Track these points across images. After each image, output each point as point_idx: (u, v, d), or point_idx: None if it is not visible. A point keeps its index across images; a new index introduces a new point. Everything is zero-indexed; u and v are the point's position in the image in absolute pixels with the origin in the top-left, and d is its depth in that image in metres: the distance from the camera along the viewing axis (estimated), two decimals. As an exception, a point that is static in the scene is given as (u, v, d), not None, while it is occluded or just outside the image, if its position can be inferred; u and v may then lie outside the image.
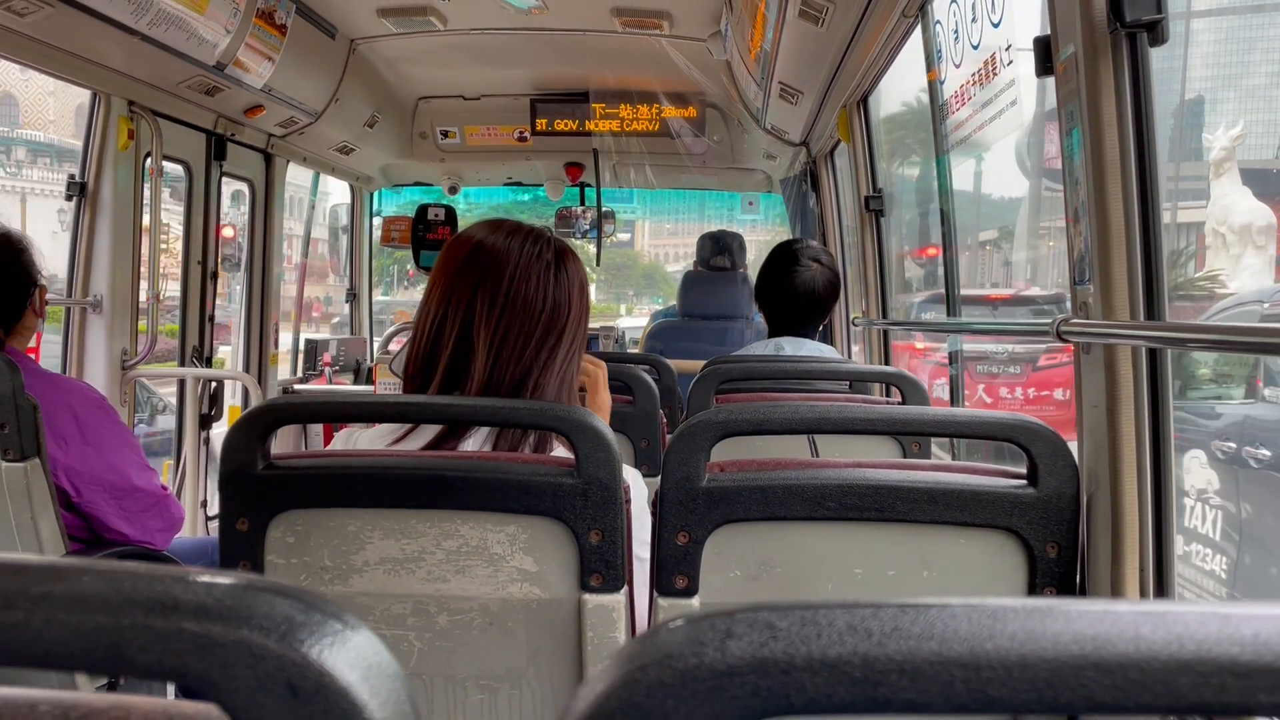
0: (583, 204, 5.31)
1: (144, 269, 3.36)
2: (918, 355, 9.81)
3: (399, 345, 4.95)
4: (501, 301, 1.40)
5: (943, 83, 2.41)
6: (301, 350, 4.93)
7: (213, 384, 3.82)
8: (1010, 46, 1.91)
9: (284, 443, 4.23)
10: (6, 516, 1.92)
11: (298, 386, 4.63)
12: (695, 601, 1.27)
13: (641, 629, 1.36)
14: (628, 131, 4.79)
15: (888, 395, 2.75)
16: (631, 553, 1.31)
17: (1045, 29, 1.40)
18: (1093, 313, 1.31)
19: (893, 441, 2.15)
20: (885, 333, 3.42)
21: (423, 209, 4.92)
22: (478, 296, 1.40)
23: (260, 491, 1.28)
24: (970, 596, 0.37)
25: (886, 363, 3.38)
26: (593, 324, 5.26)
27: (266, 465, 1.28)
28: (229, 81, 3.35)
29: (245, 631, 0.36)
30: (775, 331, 2.83)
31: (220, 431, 3.65)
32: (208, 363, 3.85)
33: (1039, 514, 1.24)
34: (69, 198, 3.20)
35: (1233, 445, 4.83)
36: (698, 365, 2.52)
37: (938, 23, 2.37)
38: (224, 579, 0.38)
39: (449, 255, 1.46)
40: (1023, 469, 1.27)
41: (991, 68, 2.00)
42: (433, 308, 1.44)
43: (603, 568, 1.26)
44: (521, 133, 4.93)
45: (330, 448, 1.55)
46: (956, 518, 1.24)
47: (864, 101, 3.25)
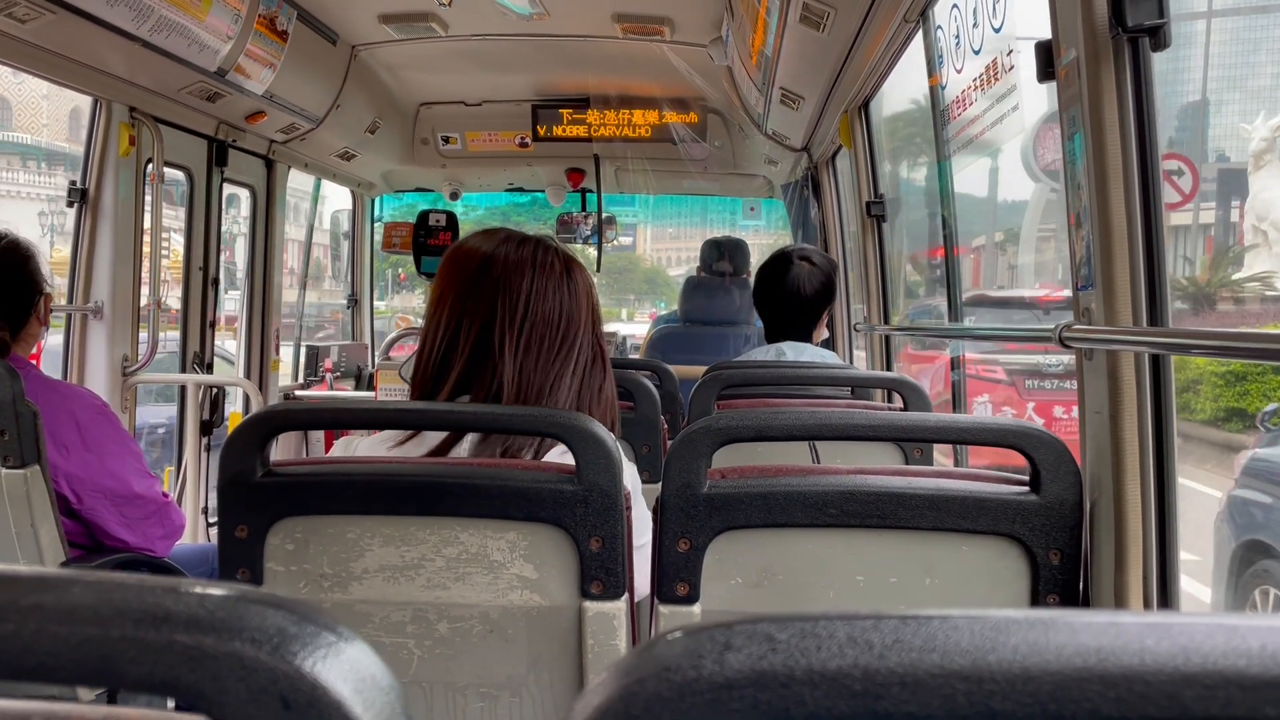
0: (584, 209, 5.32)
1: (145, 275, 3.36)
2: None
3: (401, 351, 4.96)
4: (522, 313, 1.44)
5: (944, 88, 2.41)
6: (303, 356, 4.93)
7: (214, 390, 3.82)
8: (1012, 52, 1.91)
9: (285, 449, 4.23)
10: (6, 524, 1.92)
11: (299, 392, 4.63)
12: (696, 609, 1.26)
13: (643, 635, 1.36)
14: (629, 137, 4.79)
15: (889, 401, 2.75)
16: (632, 560, 1.31)
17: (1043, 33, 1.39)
18: (1095, 318, 1.30)
19: (894, 448, 2.14)
20: (887, 338, 3.42)
21: (424, 215, 4.92)
22: (498, 308, 1.44)
23: (259, 498, 1.27)
24: (973, 604, 0.37)
25: (889, 368, 3.38)
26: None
27: (266, 472, 1.28)
28: (230, 88, 3.35)
29: (237, 643, 0.36)
30: (771, 335, 2.84)
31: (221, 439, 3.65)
32: (209, 369, 3.85)
33: (1042, 521, 1.23)
34: (70, 204, 3.20)
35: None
36: (699, 371, 2.52)
37: (939, 28, 2.36)
38: (216, 590, 0.38)
39: (456, 266, 1.48)
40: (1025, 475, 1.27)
41: (993, 72, 1.99)
42: (444, 318, 1.46)
43: (603, 575, 1.25)
44: (523, 138, 4.93)
45: (330, 455, 1.55)
46: (959, 524, 1.24)
47: (865, 107, 3.25)
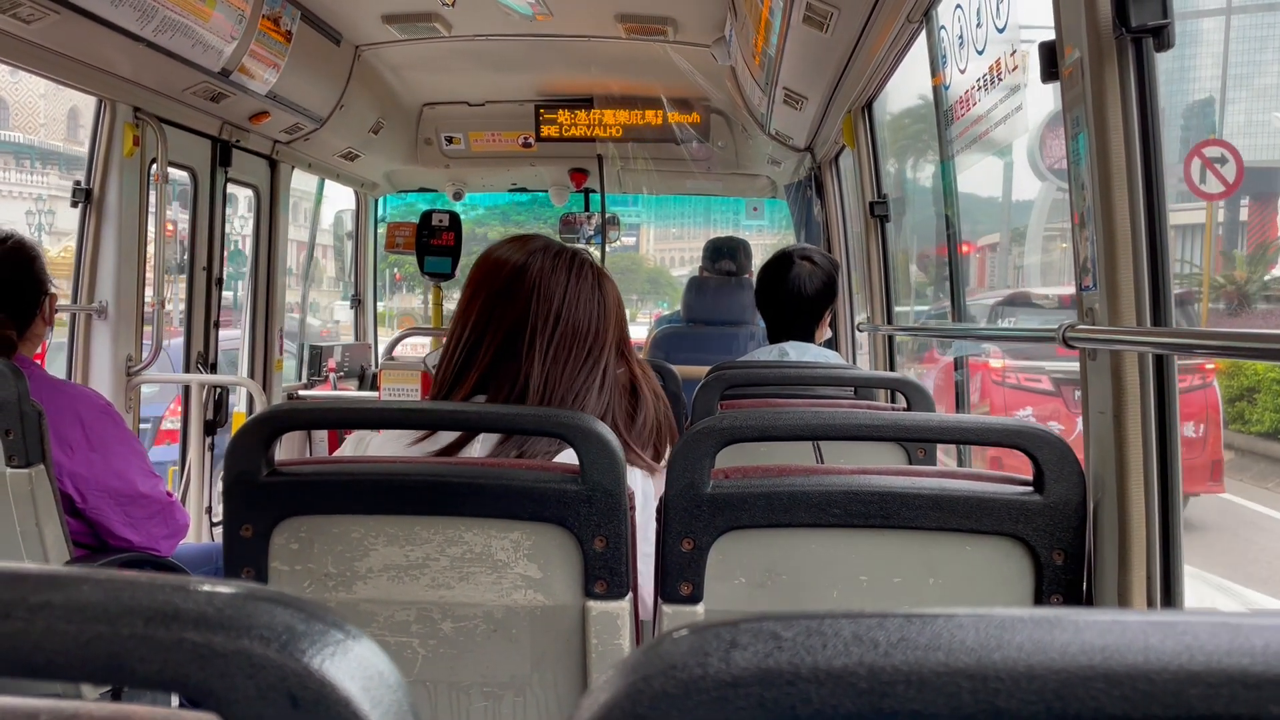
0: (587, 209, 5.32)
1: (149, 275, 3.37)
2: (995, 377, 7.61)
3: (419, 352, 4.96)
4: (555, 318, 1.50)
5: (947, 88, 2.41)
6: (306, 356, 4.93)
7: (217, 390, 3.82)
8: (1015, 51, 1.91)
9: (289, 449, 4.23)
10: (11, 523, 1.92)
11: (302, 392, 4.63)
12: (700, 608, 1.26)
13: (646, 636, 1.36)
14: (632, 138, 4.79)
15: (893, 401, 2.75)
16: (636, 560, 1.31)
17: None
18: (1099, 318, 1.30)
19: (898, 448, 2.14)
20: (890, 338, 3.42)
21: (427, 215, 4.92)
22: (531, 311, 1.49)
23: (264, 498, 1.28)
24: (976, 604, 0.37)
25: (892, 368, 3.38)
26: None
27: (270, 472, 1.28)
28: (234, 88, 3.35)
29: (246, 641, 0.36)
30: (774, 335, 2.84)
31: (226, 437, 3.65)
32: (213, 369, 3.85)
33: (1045, 521, 1.23)
34: (74, 204, 3.21)
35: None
36: (703, 371, 2.52)
37: (942, 28, 2.36)
38: (225, 588, 0.38)
39: (491, 270, 1.55)
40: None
41: (997, 72, 1.99)
42: (473, 319, 1.52)
43: (607, 575, 1.25)
44: (526, 139, 4.93)
45: (339, 453, 1.56)
46: (962, 524, 1.24)
47: (869, 107, 3.25)
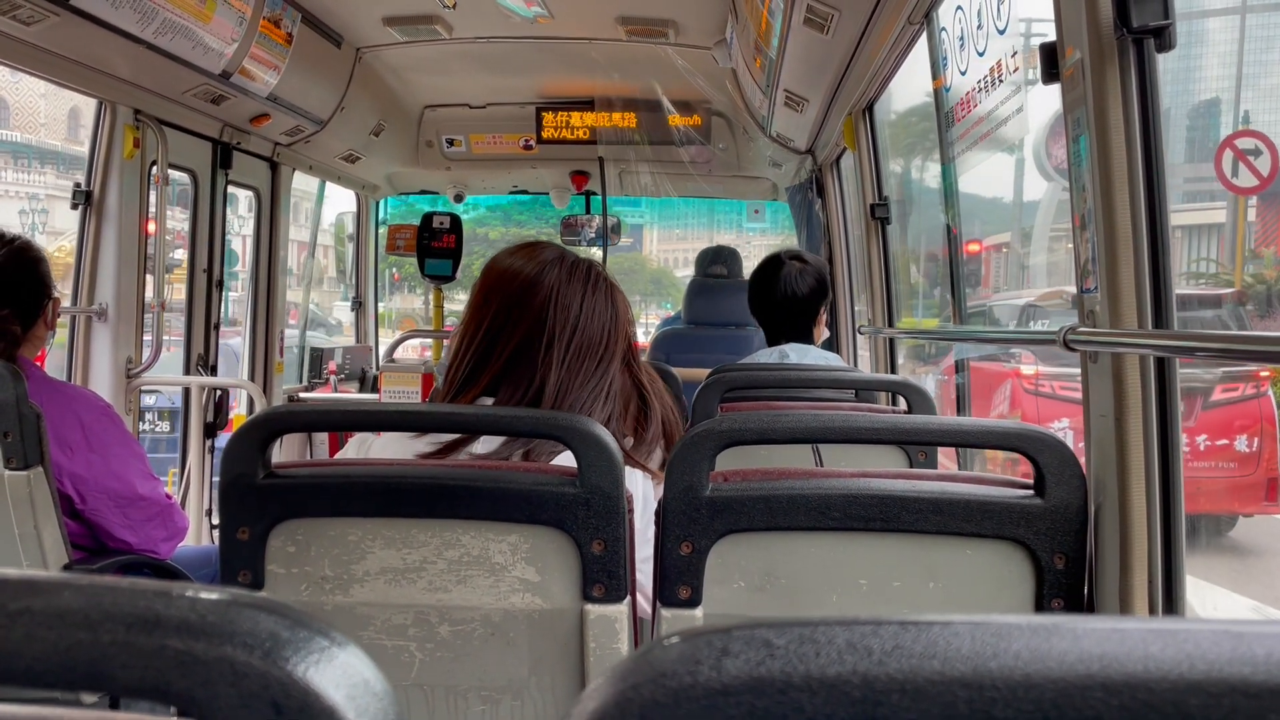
0: (588, 212, 5.32)
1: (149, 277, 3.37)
2: (1027, 385, 7.08)
3: (420, 355, 4.95)
4: (573, 327, 1.53)
5: (948, 90, 2.41)
6: (307, 358, 4.93)
7: (217, 392, 3.82)
8: (1016, 54, 1.90)
9: (289, 452, 4.23)
10: (9, 525, 1.92)
11: (303, 395, 4.63)
12: (698, 612, 1.26)
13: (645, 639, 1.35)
14: (633, 140, 4.79)
15: (894, 404, 2.74)
16: (634, 563, 1.30)
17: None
18: (1100, 321, 1.29)
19: (898, 451, 2.13)
20: (891, 341, 3.41)
21: (428, 217, 4.92)
22: (549, 320, 1.52)
23: (261, 501, 1.27)
24: (976, 608, 0.36)
25: (892, 371, 3.37)
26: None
27: (267, 474, 1.28)
28: (235, 90, 3.35)
29: (229, 648, 0.36)
30: (771, 338, 2.84)
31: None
32: (213, 371, 3.85)
33: (1046, 524, 1.23)
34: (74, 206, 3.21)
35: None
36: (703, 373, 2.51)
37: (943, 30, 2.36)
38: (208, 594, 0.37)
39: (505, 277, 1.57)
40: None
41: (998, 74, 1.99)
42: (485, 325, 1.54)
43: (605, 578, 1.25)
44: (527, 141, 4.93)
45: (341, 455, 1.55)
46: (963, 528, 1.23)
47: (870, 109, 3.24)
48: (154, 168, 3.32)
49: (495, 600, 1.26)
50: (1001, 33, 1.96)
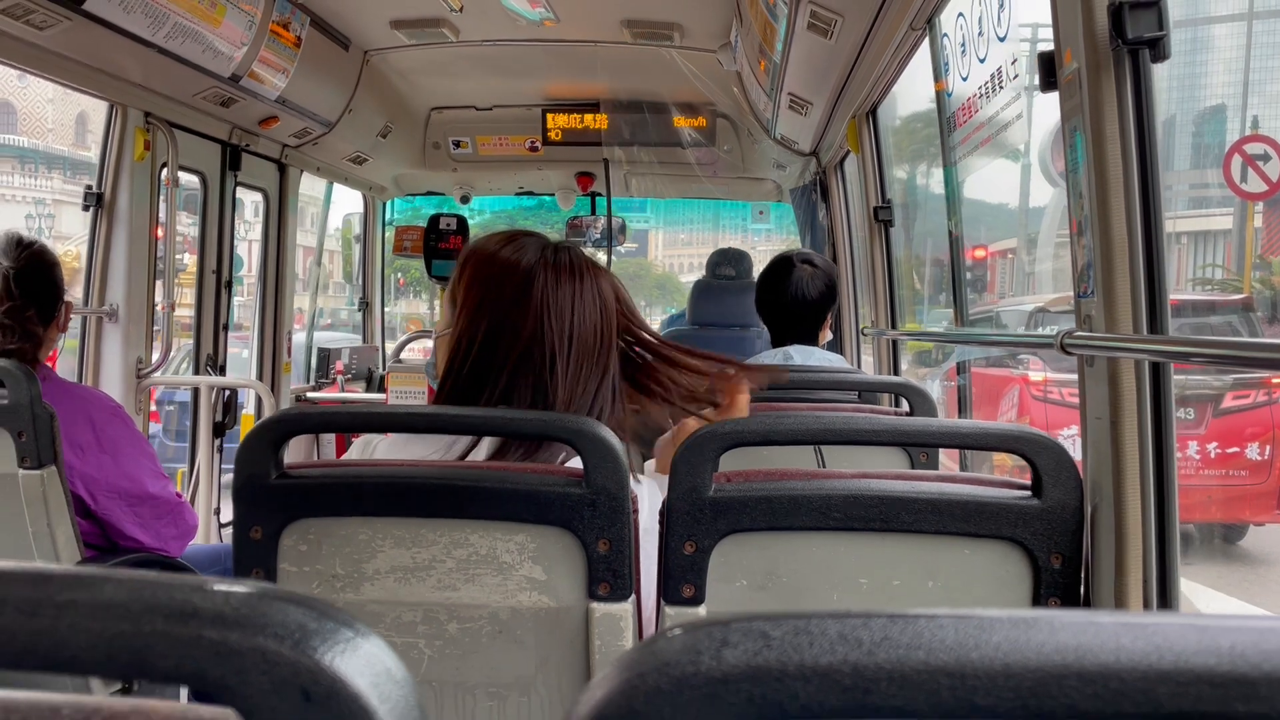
0: (594, 213, 5.34)
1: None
2: (1035, 391, 7.07)
3: (424, 354, 4.96)
4: (568, 344, 1.46)
5: (950, 94, 2.43)
6: (314, 359, 4.96)
7: (226, 392, 3.85)
8: (1017, 60, 1.92)
9: (296, 449, 4.26)
10: (23, 523, 1.95)
11: (310, 395, 4.66)
12: (702, 610, 1.28)
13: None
14: (638, 141, 4.81)
15: (896, 406, 2.76)
16: (639, 563, 1.33)
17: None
18: (1096, 325, 1.32)
19: (900, 452, 2.15)
20: (894, 343, 3.43)
21: (434, 218, 4.95)
22: (548, 338, 1.45)
23: (273, 500, 1.29)
24: (974, 606, 0.38)
25: (895, 373, 3.39)
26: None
27: (280, 474, 1.30)
28: (244, 93, 3.38)
29: (261, 638, 0.38)
30: (777, 339, 2.85)
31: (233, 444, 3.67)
32: (222, 371, 3.88)
33: (1043, 525, 1.25)
34: (85, 208, 3.24)
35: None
36: (707, 375, 2.53)
37: (945, 35, 2.38)
38: (241, 588, 0.40)
39: (494, 282, 1.48)
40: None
41: (998, 81, 2.01)
42: (482, 331, 1.46)
43: (610, 577, 1.27)
44: (533, 143, 4.95)
45: (346, 456, 1.57)
46: (962, 528, 1.25)
47: (873, 112, 3.26)
48: (164, 170, 3.34)
49: (503, 598, 1.29)
50: (1002, 40, 1.98)
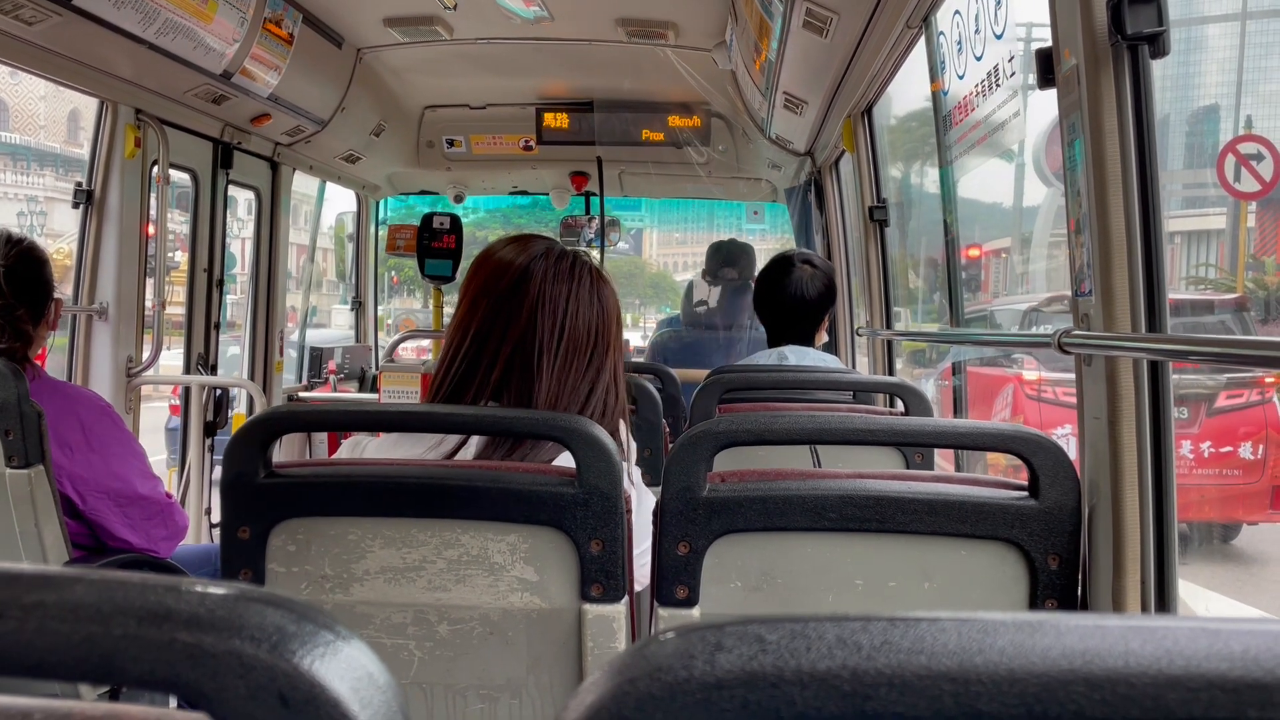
0: (588, 212, 5.32)
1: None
2: (1030, 390, 7.10)
3: (419, 355, 4.94)
4: (559, 330, 1.48)
5: (946, 93, 2.42)
6: (306, 358, 4.94)
7: (217, 391, 3.83)
8: (1014, 57, 1.91)
9: (288, 451, 4.24)
10: (10, 523, 1.92)
11: (302, 394, 4.64)
12: (695, 612, 1.27)
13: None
14: (632, 140, 4.80)
15: (891, 406, 2.75)
16: (632, 563, 1.31)
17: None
18: (1094, 324, 1.31)
19: (895, 453, 2.14)
20: (889, 343, 3.42)
21: (428, 217, 4.93)
22: (538, 324, 1.48)
23: (261, 500, 1.28)
24: (971, 608, 0.37)
25: (890, 373, 3.38)
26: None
27: (268, 474, 1.29)
28: (236, 90, 3.36)
29: (236, 641, 0.36)
30: (774, 339, 2.84)
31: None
32: (213, 370, 3.86)
33: (1040, 526, 1.24)
34: (75, 205, 3.22)
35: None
36: (702, 374, 2.52)
37: (941, 34, 2.37)
38: (216, 589, 0.38)
39: (492, 275, 1.52)
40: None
41: (995, 79, 2.00)
42: (475, 326, 1.49)
43: (603, 578, 1.26)
44: (527, 142, 4.94)
45: (336, 456, 1.56)
46: (958, 529, 1.24)
47: (868, 112, 3.26)
48: (155, 167, 3.32)
49: (494, 599, 1.27)
50: (999, 37, 1.97)
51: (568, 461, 1.41)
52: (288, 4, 3.36)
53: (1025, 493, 1.26)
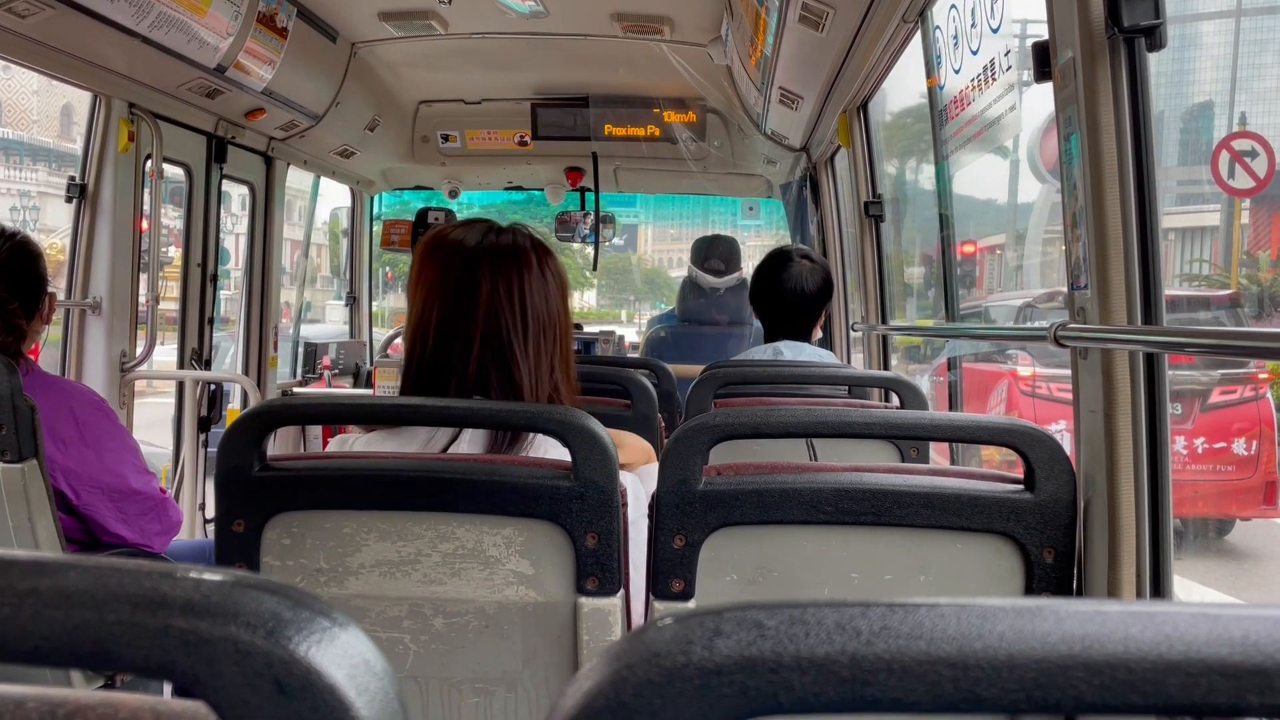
0: (583, 208, 5.32)
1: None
2: (1024, 386, 7.15)
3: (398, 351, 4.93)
4: (523, 327, 1.45)
5: (942, 88, 2.42)
6: (301, 353, 4.93)
7: (211, 387, 3.82)
8: (1010, 52, 1.91)
9: (283, 446, 4.23)
10: (4, 518, 1.92)
11: (296, 390, 4.63)
12: (691, 605, 1.27)
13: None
14: (627, 136, 4.79)
15: (886, 401, 2.75)
16: (628, 557, 1.31)
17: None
18: (1090, 318, 1.31)
19: (891, 447, 2.14)
20: (885, 338, 3.43)
21: (423, 212, 4.92)
22: (504, 323, 1.44)
23: (256, 493, 1.28)
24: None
25: (886, 368, 3.39)
26: (592, 329, 5.27)
27: (263, 467, 1.28)
28: (230, 84, 3.35)
29: (232, 628, 0.36)
30: (771, 334, 2.84)
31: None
32: (207, 365, 3.85)
33: (1036, 519, 1.24)
34: (68, 199, 3.21)
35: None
36: (697, 370, 2.52)
37: (937, 28, 2.37)
38: (211, 575, 0.38)
39: (439, 273, 1.47)
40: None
41: (991, 72, 2.00)
42: (435, 325, 1.45)
43: (599, 571, 1.25)
44: (522, 137, 4.93)
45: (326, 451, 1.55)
46: (953, 522, 1.24)
47: (864, 107, 3.25)
48: (149, 161, 3.31)
49: (489, 593, 1.27)
50: (995, 31, 1.97)
51: (543, 451, 1.42)
52: (282, -2, 3.35)
53: (1021, 486, 1.26)
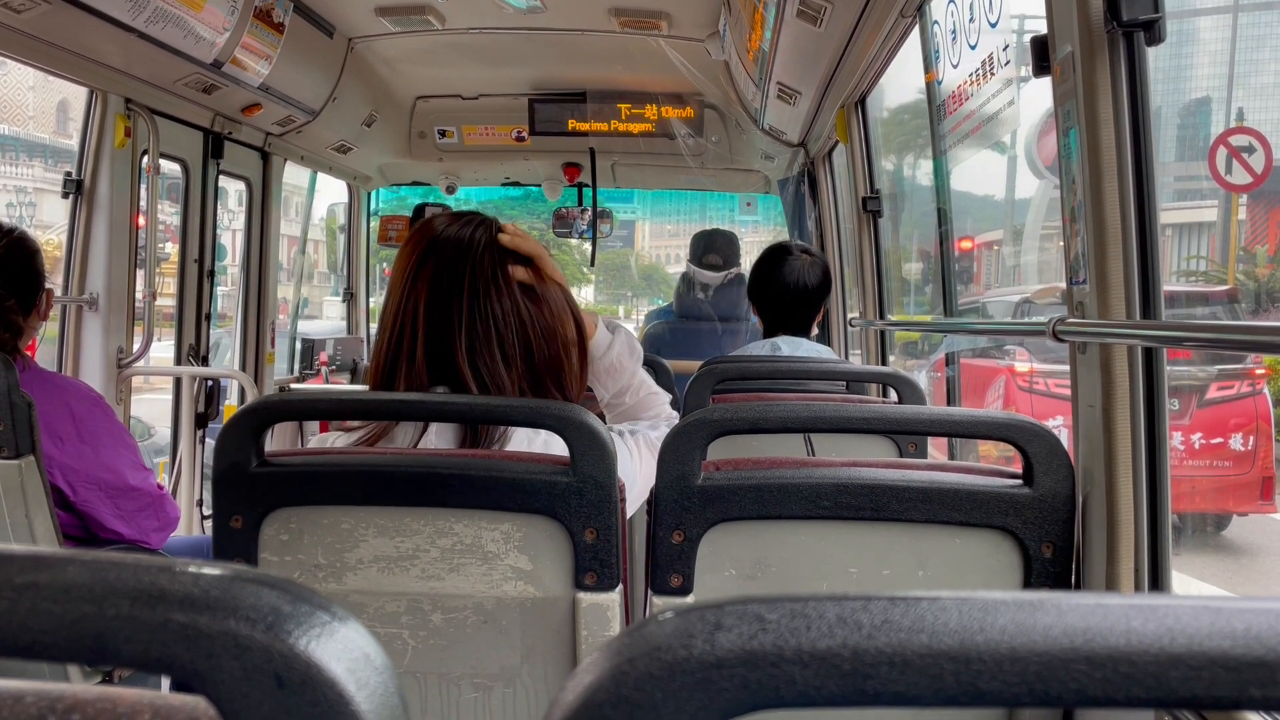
0: (580, 204, 5.31)
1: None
2: (1021, 382, 7.11)
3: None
4: (497, 336, 1.42)
5: (940, 83, 2.41)
6: (298, 349, 4.92)
7: (209, 383, 3.82)
8: (1008, 46, 1.91)
9: (280, 442, 4.23)
10: (1, 514, 1.92)
11: (294, 386, 4.62)
12: (690, 600, 1.26)
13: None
14: (625, 132, 4.79)
15: (884, 396, 2.75)
16: (626, 552, 1.31)
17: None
18: (1088, 312, 1.31)
19: (889, 442, 2.15)
20: (883, 333, 3.42)
21: (420, 208, 4.92)
22: (478, 333, 1.41)
23: (254, 489, 1.27)
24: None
25: (884, 363, 3.39)
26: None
27: (260, 462, 1.28)
28: (226, 80, 3.34)
29: (232, 622, 0.36)
30: (770, 329, 2.84)
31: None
32: (204, 361, 3.85)
33: (1034, 514, 1.24)
34: (65, 195, 3.20)
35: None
36: (695, 365, 2.52)
37: (935, 23, 2.37)
38: (211, 569, 0.38)
39: (419, 252, 1.45)
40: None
41: (989, 67, 2.00)
42: (424, 309, 1.43)
43: (597, 566, 1.25)
44: (519, 133, 4.92)
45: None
46: (952, 517, 1.24)
47: (862, 102, 3.25)
48: (145, 157, 3.31)
49: (488, 588, 1.27)
50: (994, 26, 1.96)
51: (525, 445, 1.42)
52: (279, -7, 3.34)
53: (1019, 481, 1.26)
